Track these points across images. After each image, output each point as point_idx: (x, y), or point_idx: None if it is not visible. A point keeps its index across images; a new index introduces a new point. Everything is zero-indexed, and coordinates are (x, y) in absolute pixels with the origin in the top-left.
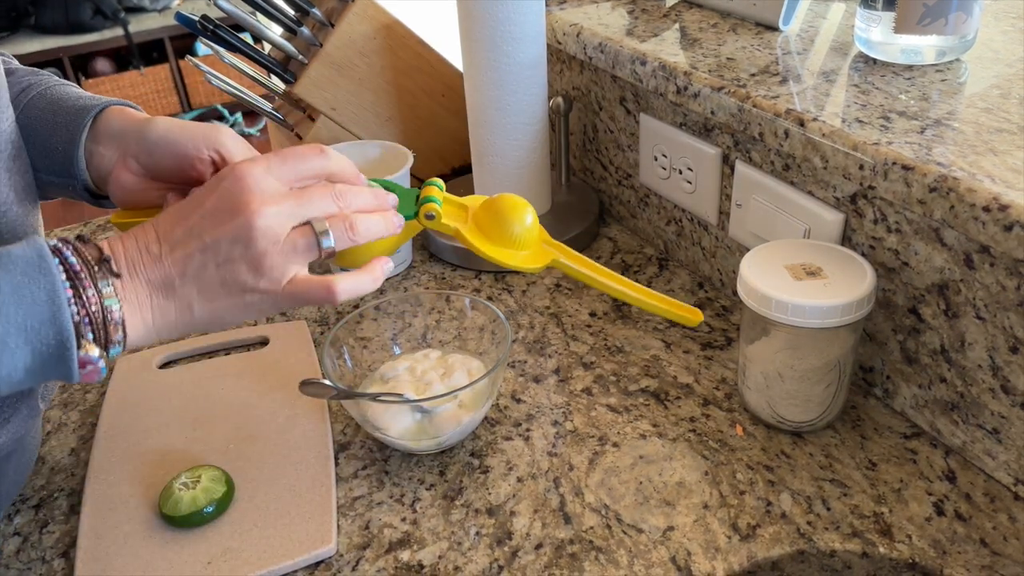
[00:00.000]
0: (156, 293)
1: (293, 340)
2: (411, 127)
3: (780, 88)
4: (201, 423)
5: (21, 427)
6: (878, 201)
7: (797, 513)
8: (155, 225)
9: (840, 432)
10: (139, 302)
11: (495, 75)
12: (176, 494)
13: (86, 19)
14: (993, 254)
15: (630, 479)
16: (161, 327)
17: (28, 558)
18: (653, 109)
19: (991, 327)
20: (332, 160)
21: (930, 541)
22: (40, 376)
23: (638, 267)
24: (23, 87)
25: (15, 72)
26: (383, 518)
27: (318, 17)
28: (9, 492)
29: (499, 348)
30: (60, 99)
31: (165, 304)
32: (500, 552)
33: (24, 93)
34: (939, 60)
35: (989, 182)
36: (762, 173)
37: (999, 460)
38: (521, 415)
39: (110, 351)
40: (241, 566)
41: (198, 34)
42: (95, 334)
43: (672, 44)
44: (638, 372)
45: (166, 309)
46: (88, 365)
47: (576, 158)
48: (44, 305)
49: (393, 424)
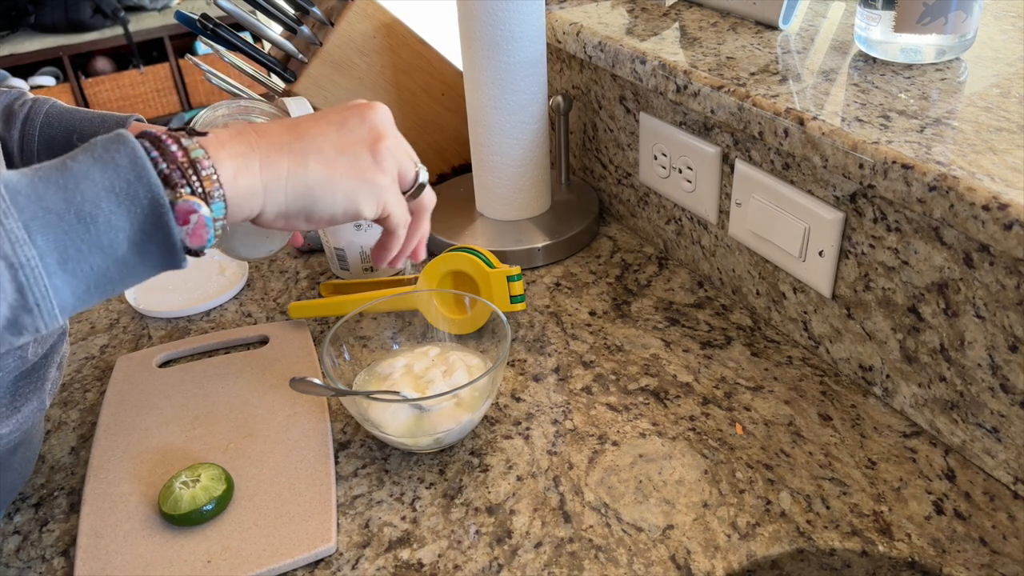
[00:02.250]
0: (262, 149)
1: (293, 339)
2: (411, 126)
3: (780, 87)
4: (201, 422)
5: (29, 419)
6: (878, 200)
7: (796, 512)
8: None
9: (840, 431)
10: (238, 154)
11: (495, 74)
12: (176, 492)
13: (86, 18)
14: (992, 253)
15: (630, 478)
16: (269, 181)
17: (28, 556)
18: (653, 108)
19: (990, 326)
20: None
21: (929, 540)
22: (144, 248)
23: (638, 266)
24: (13, 98)
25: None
26: (383, 516)
27: (318, 16)
28: (14, 484)
29: (499, 347)
30: (75, 113)
31: (277, 159)
32: (500, 551)
33: (21, 104)
34: (939, 59)
35: (988, 181)
36: (762, 172)
37: (998, 459)
38: (521, 414)
39: (212, 205)
40: (241, 564)
41: (198, 33)
42: (190, 186)
43: (672, 43)
44: (638, 371)
45: (277, 164)
46: (192, 216)
47: (576, 157)
48: (127, 167)
49: (391, 422)
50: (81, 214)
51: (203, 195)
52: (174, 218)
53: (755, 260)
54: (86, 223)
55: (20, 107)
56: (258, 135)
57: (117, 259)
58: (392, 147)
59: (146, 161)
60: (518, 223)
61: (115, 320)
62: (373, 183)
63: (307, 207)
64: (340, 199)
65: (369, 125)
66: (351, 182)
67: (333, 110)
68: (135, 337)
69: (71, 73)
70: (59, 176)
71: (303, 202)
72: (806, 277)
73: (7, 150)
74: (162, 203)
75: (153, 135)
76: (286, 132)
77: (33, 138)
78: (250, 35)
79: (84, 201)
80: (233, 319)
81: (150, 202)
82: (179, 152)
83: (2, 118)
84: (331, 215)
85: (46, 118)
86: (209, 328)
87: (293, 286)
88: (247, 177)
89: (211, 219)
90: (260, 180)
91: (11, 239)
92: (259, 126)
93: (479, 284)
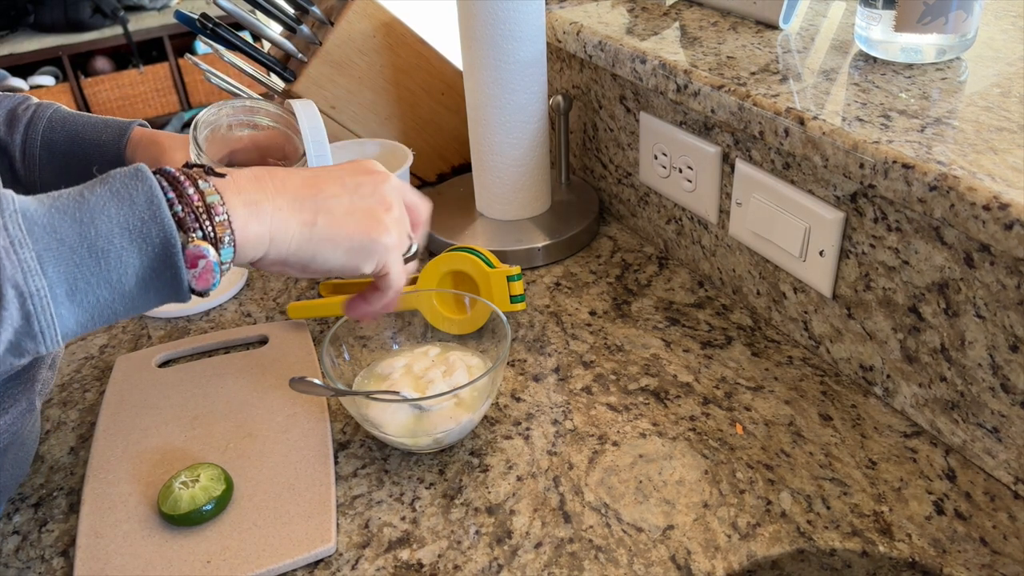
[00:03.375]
0: (277, 200)
1: (293, 339)
2: (411, 125)
3: (780, 87)
4: (200, 422)
5: (18, 421)
6: (878, 200)
7: (797, 512)
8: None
9: (840, 431)
10: (253, 202)
11: (495, 73)
12: (175, 493)
13: (85, 18)
14: (993, 253)
15: (630, 478)
16: (277, 232)
17: (27, 556)
18: (653, 108)
19: (991, 326)
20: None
21: (930, 540)
22: (151, 285)
23: (638, 266)
24: (17, 102)
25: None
26: (383, 517)
27: (318, 15)
28: (6, 487)
29: (499, 347)
30: (78, 118)
31: (289, 213)
32: (500, 551)
33: (24, 109)
34: (939, 59)
35: (989, 181)
36: (762, 172)
37: (999, 459)
38: (521, 414)
39: (221, 251)
40: (240, 565)
41: (197, 32)
42: (203, 230)
43: (672, 42)
44: (638, 371)
45: (288, 217)
46: (200, 260)
47: (576, 156)
48: (143, 205)
49: (390, 422)
50: (94, 249)
51: (214, 240)
52: (184, 260)
53: (755, 260)
54: (97, 258)
55: (24, 111)
56: (275, 185)
57: (124, 293)
58: (399, 218)
59: (162, 200)
60: (518, 223)
61: None
62: (378, 242)
63: (308, 260)
64: (341, 255)
65: (380, 195)
66: (356, 241)
67: (347, 171)
68: (134, 337)
69: (71, 73)
70: (76, 208)
71: (305, 255)
72: (806, 277)
73: (9, 154)
74: (174, 244)
75: (172, 175)
76: (303, 187)
77: (36, 143)
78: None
79: (98, 236)
80: (232, 319)
81: (162, 242)
82: (195, 196)
83: (5, 122)
84: (328, 268)
85: (49, 123)
86: (208, 328)
87: (293, 286)
88: (257, 226)
89: (218, 263)
90: (269, 230)
91: (24, 269)
92: (277, 173)
93: (479, 284)
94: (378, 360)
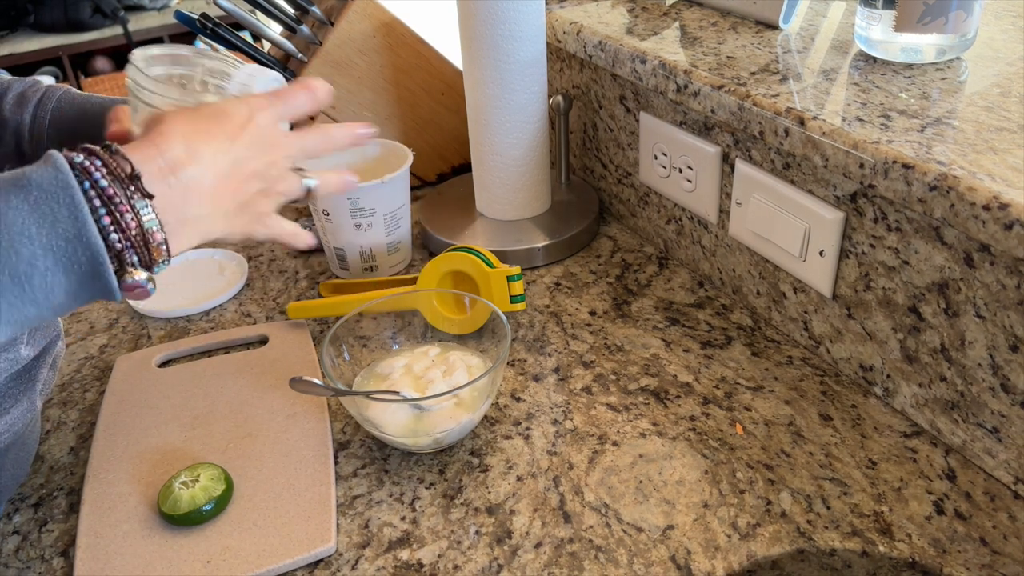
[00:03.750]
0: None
1: (293, 339)
2: (411, 125)
3: (780, 87)
4: (200, 422)
5: (19, 420)
6: (878, 200)
7: (797, 512)
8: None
9: (840, 431)
10: (186, 221)
11: (495, 73)
12: (175, 493)
13: (85, 18)
14: (993, 253)
15: (630, 478)
16: (204, 239)
17: (27, 556)
18: (653, 107)
19: (991, 326)
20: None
21: (930, 540)
22: (83, 297)
23: (638, 266)
24: (28, 85)
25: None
26: (383, 517)
27: (317, 15)
28: (7, 486)
29: (499, 347)
30: (87, 97)
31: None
32: (500, 551)
33: (35, 90)
34: (939, 59)
35: (989, 181)
36: (762, 172)
37: (999, 459)
38: (521, 414)
39: (155, 270)
40: (240, 565)
41: (197, 32)
42: (139, 257)
43: (672, 42)
44: (638, 371)
45: (213, 225)
46: (137, 288)
47: (576, 156)
48: (67, 222)
49: (390, 422)
50: (15, 274)
51: (149, 263)
52: (118, 283)
53: (755, 260)
54: (21, 283)
55: (33, 93)
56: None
57: (53, 307)
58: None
59: (87, 216)
60: (518, 223)
61: (114, 320)
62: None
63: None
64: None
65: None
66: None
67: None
68: (134, 337)
69: (71, 73)
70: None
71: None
72: (806, 277)
73: (18, 133)
74: (102, 263)
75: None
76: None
77: (44, 120)
78: (250, 34)
79: (19, 261)
80: (232, 319)
81: (89, 260)
82: (132, 222)
83: (16, 102)
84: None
85: (58, 103)
86: (208, 328)
87: (293, 286)
88: (188, 241)
89: (154, 287)
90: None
91: None
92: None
93: (479, 284)
94: (378, 360)
